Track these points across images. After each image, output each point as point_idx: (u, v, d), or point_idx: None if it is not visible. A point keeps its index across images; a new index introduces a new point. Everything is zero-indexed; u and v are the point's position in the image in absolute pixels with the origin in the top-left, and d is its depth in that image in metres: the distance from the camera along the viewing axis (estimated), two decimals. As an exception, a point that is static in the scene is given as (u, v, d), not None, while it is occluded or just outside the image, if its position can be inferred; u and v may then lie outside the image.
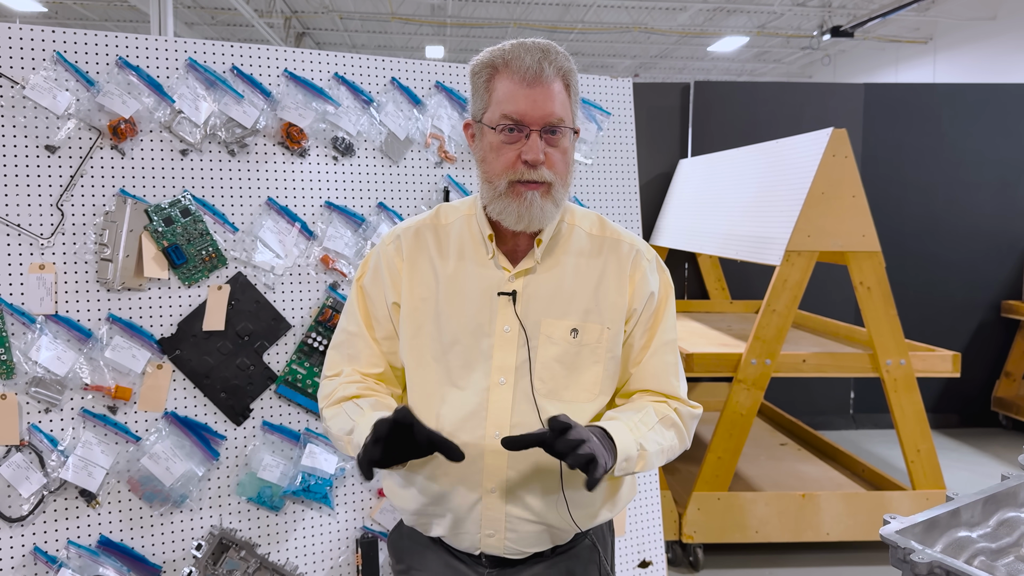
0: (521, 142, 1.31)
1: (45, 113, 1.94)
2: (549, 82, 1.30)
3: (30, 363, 1.92)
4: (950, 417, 5.49)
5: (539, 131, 1.30)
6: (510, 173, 1.32)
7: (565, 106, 1.33)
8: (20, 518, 1.91)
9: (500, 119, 1.32)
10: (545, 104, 1.30)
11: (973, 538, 1.01)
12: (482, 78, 1.36)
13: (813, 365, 3.29)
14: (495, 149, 1.34)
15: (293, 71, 2.21)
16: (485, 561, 1.44)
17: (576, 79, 1.38)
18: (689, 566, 3.37)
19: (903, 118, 5.31)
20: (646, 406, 1.40)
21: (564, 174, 1.36)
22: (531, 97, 1.29)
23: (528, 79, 1.29)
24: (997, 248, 5.37)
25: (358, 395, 1.41)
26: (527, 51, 1.31)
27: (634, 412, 1.37)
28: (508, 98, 1.31)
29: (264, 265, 2.15)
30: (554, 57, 1.32)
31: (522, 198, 1.32)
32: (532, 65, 1.29)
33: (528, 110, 1.29)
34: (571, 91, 1.36)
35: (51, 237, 1.95)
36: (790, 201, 3.26)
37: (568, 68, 1.34)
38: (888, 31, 13.25)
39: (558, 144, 1.33)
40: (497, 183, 1.34)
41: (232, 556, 2.09)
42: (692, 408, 1.46)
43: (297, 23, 13.56)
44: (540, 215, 1.34)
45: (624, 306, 1.42)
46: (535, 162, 1.30)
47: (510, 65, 1.31)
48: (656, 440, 1.36)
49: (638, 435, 1.33)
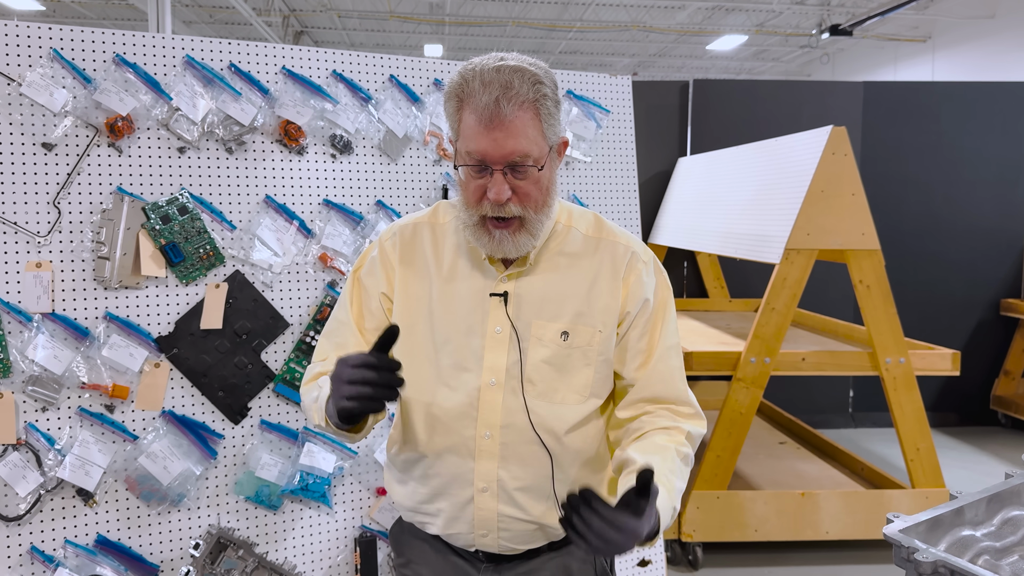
0: (487, 178, 1.29)
1: (42, 111, 1.93)
2: (510, 120, 1.24)
3: (27, 362, 1.91)
4: (949, 415, 5.48)
5: (502, 169, 1.27)
6: (479, 208, 1.31)
7: (532, 139, 1.27)
8: (17, 517, 1.90)
9: (465, 156, 1.30)
10: (506, 143, 1.25)
11: (977, 537, 1.01)
12: (451, 106, 1.32)
13: (812, 363, 3.29)
14: (465, 182, 1.33)
15: (291, 68, 2.20)
16: (483, 557, 1.45)
17: (550, 101, 1.30)
18: (688, 565, 3.37)
19: (902, 116, 5.31)
20: (667, 448, 1.34)
21: (539, 202, 1.32)
22: (491, 137, 1.25)
23: (486, 120, 1.25)
24: (996, 246, 5.37)
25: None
26: (486, 88, 1.25)
27: (660, 459, 1.31)
28: (471, 136, 1.28)
29: (262, 263, 2.14)
30: (517, 90, 1.25)
31: (491, 236, 1.32)
32: (489, 104, 1.24)
33: (488, 150, 1.26)
34: (542, 117, 1.29)
35: (48, 235, 1.94)
36: (789, 199, 3.25)
37: (538, 95, 1.27)
38: (887, 29, 13.24)
39: (527, 176, 1.29)
40: (470, 213, 1.33)
41: (230, 555, 2.09)
42: (699, 427, 1.42)
43: (295, 21, 13.54)
44: (513, 249, 1.33)
45: (616, 309, 1.40)
46: (498, 202, 1.28)
47: (472, 100, 1.27)
48: (680, 488, 1.31)
49: (672, 495, 1.27)
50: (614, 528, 1.10)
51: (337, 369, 1.22)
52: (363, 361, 1.18)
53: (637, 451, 1.34)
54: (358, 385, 1.17)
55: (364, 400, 1.18)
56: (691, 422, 1.41)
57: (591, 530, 1.09)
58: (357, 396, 1.18)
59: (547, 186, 1.34)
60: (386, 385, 1.18)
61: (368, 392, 1.17)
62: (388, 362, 1.19)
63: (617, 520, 1.10)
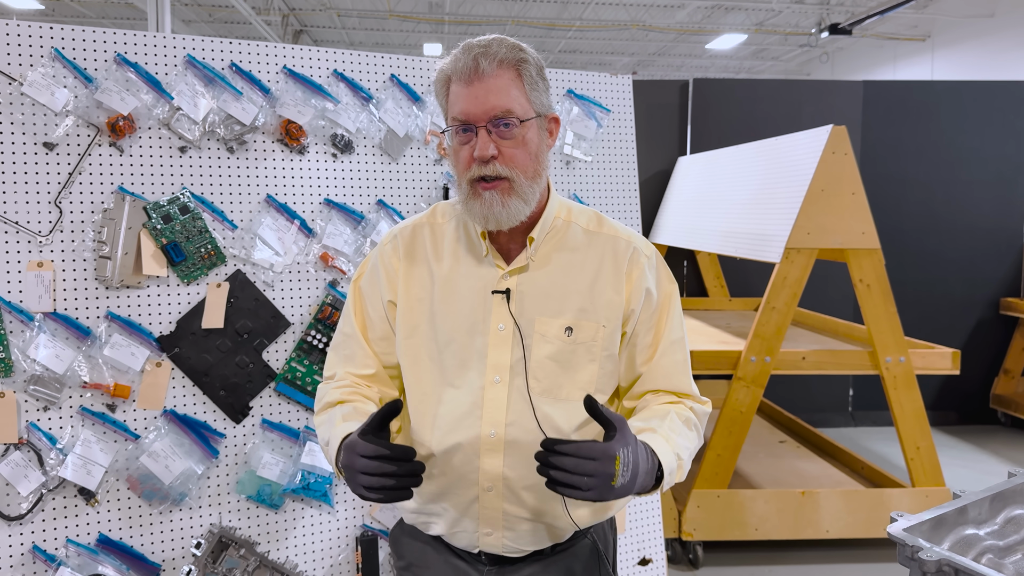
0: (473, 141, 1.31)
1: (43, 110, 1.93)
2: (488, 76, 1.29)
3: (29, 361, 1.91)
4: (949, 414, 5.49)
5: (486, 127, 1.30)
6: (468, 172, 1.32)
7: (514, 97, 1.30)
8: (19, 516, 1.90)
9: (451, 122, 1.33)
10: (487, 99, 1.29)
11: (981, 536, 1.01)
12: (440, 87, 1.37)
13: (812, 362, 3.29)
14: (454, 152, 1.35)
15: (292, 68, 2.20)
16: (485, 559, 1.44)
17: (531, 67, 1.33)
18: (689, 564, 3.37)
19: (901, 115, 5.31)
20: (667, 411, 1.38)
21: (527, 166, 1.33)
22: (472, 95, 1.29)
23: (467, 78, 1.30)
24: (996, 245, 5.38)
25: (341, 400, 1.42)
26: (467, 52, 1.31)
27: (660, 419, 1.35)
28: (455, 100, 1.32)
29: (263, 262, 2.14)
30: (495, 51, 1.30)
31: (482, 199, 1.32)
32: (468, 63, 1.29)
33: (470, 108, 1.29)
34: (524, 79, 1.32)
35: (49, 235, 1.94)
36: (789, 198, 3.25)
37: (517, 58, 1.31)
38: (886, 28, 13.25)
39: (512, 136, 1.31)
40: (462, 185, 1.35)
41: (232, 554, 2.09)
42: (704, 405, 1.45)
43: (295, 20, 13.53)
44: (504, 213, 1.32)
45: (621, 304, 1.40)
46: (483, 158, 1.29)
47: (455, 71, 1.32)
48: (686, 446, 1.35)
49: (674, 446, 1.31)
50: (585, 457, 1.15)
51: (346, 456, 1.23)
52: (376, 453, 1.19)
53: (636, 420, 1.38)
54: (378, 477, 1.19)
55: (388, 492, 1.21)
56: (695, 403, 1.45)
57: (568, 471, 1.15)
58: (380, 488, 1.20)
59: (535, 153, 1.35)
60: (409, 475, 1.21)
61: (391, 484, 1.20)
62: (402, 451, 1.21)
63: (582, 449, 1.16)
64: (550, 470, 1.16)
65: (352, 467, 1.21)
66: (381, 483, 1.19)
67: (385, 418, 1.22)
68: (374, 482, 1.19)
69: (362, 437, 1.21)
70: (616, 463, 1.16)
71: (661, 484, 1.28)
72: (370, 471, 1.19)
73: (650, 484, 1.25)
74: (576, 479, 1.15)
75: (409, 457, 1.21)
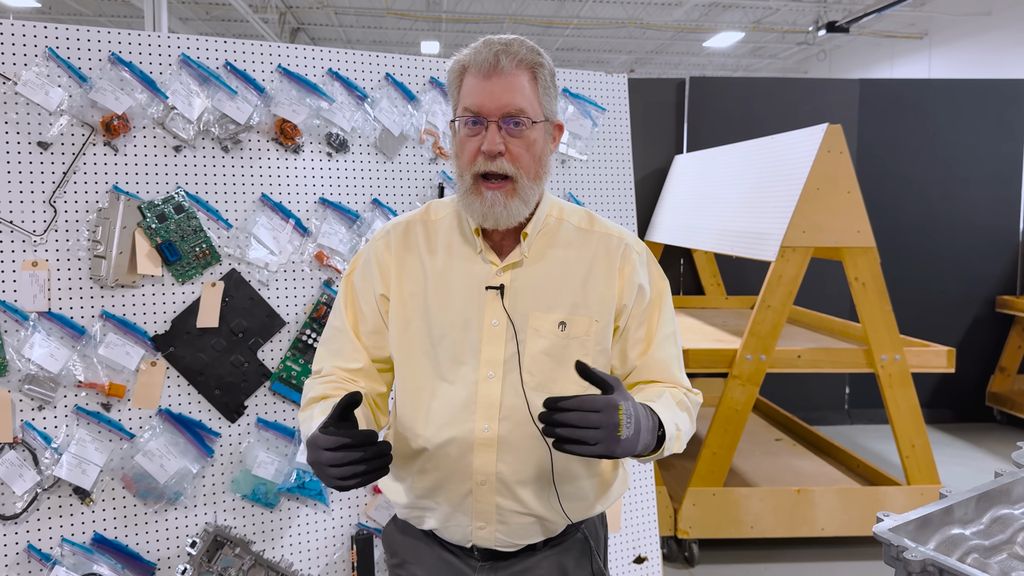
0: (482, 135, 1.32)
1: (37, 109, 1.93)
2: (506, 73, 1.31)
3: (23, 360, 1.91)
4: (945, 412, 5.50)
5: (497, 122, 1.31)
6: (472, 166, 1.33)
7: (528, 97, 1.33)
8: (14, 516, 1.91)
9: (462, 112, 1.34)
10: (502, 95, 1.31)
11: (966, 535, 1.01)
12: (454, 76, 1.38)
13: (808, 361, 3.30)
14: (461, 143, 1.36)
15: (287, 67, 2.20)
16: (477, 554, 1.45)
17: (546, 71, 1.37)
18: (684, 561, 3.38)
19: (898, 114, 5.32)
20: (662, 391, 1.40)
21: (530, 167, 1.35)
22: (488, 89, 1.31)
23: (484, 71, 1.31)
24: (992, 243, 5.39)
25: (324, 395, 1.42)
26: (488, 46, 1.33)
27: (656, 397, 1.38)
28: (469, 92, 1.33)
29: (258, 262, 2.15)
30: (516, 50, 1.33)
31: (483, 197, 1.33)
32: (488, 58, 1.31)
33: (485, 101, 1.31)
34: (539, 83, 1.36)
35: (44, 234, 1.94)
36: (785, 197, 3.26)
37: (535, 60, 1.35)
38: (883, 26, 13.25)
39: (521, 136, 1.33)
40: (464, 177, 1.36)
41: (227, 553, 2.09)
42: (696, 396, 1.48)
43: (292, 18, 13.51)
44: (505, 214, 1.34)
45: (613, 299, 1.42)
46: (491, 152, 1.31)
47: (473, 63, 1.33)
48: (683, 420, 1.38)
49: (672, 415, 1.34)
50: (589, 409, 1.16)
51: (311, 452, 1.23)
52: (338, 444, 1.19)
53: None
54: (347, 467, 1.20)
55: (359, 478, 1.21)
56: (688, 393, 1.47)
57: (573, 426, 1.16)
58: (351, 476, 1.20)
59: (539, 155, 1.37)
60: (375, 456, 1.22)
61: (361, 469, 1.20)
62: (364, 436, 1.21)
63: (585, 402, 1.17)
64: (556, 428, 1.17)
65: (319, 462, 1.21)
66: (352, 471, 1.20)
67: (345, 409, 1.22)
68: (344, 472, 1.20)
69: (323, 431, 1.22)
70: (620, 412, 1.18)
71: (663, 447, 1.30)
72: (336, 462, 1.19)
73: (652, 443, 1.27)
74: (583, 433, 1.16)
75: (372, 440, 1.21)
